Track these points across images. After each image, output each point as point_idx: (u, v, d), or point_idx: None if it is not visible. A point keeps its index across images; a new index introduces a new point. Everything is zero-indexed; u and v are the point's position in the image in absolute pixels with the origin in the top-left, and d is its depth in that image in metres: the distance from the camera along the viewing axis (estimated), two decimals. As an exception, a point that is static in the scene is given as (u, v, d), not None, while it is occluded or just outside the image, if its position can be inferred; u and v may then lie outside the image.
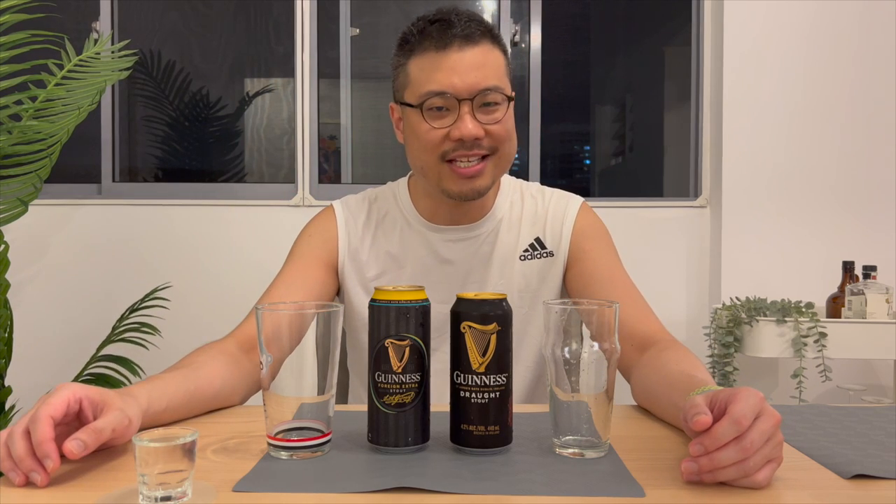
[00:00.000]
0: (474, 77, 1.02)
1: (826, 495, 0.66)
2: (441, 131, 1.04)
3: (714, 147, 2.57)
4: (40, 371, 2.24)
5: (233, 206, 2.56)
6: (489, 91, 1.03)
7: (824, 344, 2.05)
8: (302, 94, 2.59)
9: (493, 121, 1.05)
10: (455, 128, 1.03)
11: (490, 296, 0.78)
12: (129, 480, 0.69)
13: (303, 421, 0.76)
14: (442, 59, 1.03)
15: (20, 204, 1.85)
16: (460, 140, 1.03)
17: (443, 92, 1.02)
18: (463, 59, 1.02)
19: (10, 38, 1.80)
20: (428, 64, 1.04)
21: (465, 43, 1.03)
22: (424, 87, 1.04)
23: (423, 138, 1.06)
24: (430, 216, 1.17)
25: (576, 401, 0.76)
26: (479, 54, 1.03)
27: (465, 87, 1.02)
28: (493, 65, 1.05)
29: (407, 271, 1.18)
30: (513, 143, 1.10)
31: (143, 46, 2.82)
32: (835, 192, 2.46)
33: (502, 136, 1.06)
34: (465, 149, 1.05)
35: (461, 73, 1.02)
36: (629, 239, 2.57)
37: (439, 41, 1.03)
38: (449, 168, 1.06)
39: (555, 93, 2.83)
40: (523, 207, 1.21)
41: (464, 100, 1.03)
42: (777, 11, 2.46)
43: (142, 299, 2.13)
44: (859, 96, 2.46)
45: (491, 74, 1.04)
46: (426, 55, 1.04)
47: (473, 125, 1.03)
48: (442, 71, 1.02)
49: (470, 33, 1.03)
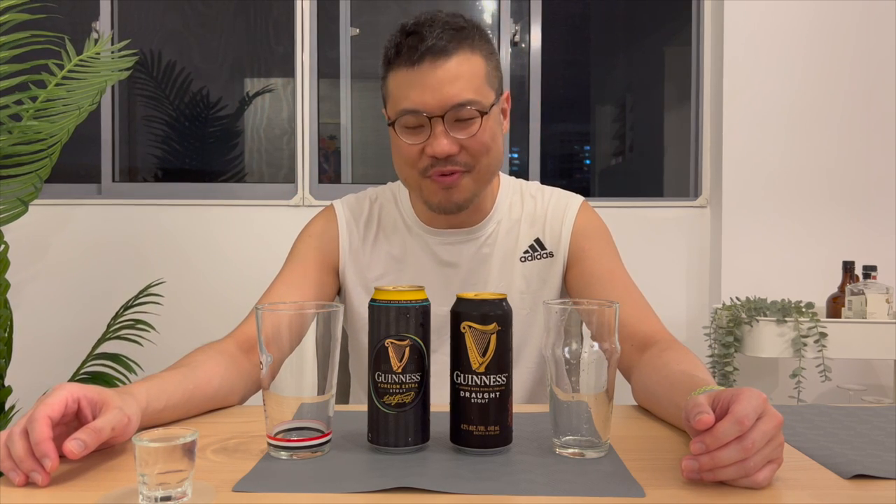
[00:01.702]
0: (446, 93, 1.00)
1: (826, 495, 0.66)
2: (417, 147, 1.04)
3: (714, 147, 2.57)
4: (40, 371, 2.24)
5: (233, 206, 2.56)
6: (461, 106, 1.01)
7: (824, 344, 2.05)
8: (302, 94, 2.59)
9: (468, 135, 1.03)
10: (428, 145, 1.03)
11: (490, 296, 0.78)
12: (129, 480, 0.69)
13: (303, 421, 0.76)
14: (413, 76, 1.01)
15: (20, 204, 1.85)
16: (435, 157, 1.03)
17: (415, 110, 1.01)
18: (434, 75, 1.00)
19: (10, 38, 1.80)
20: (402, 80, 1.03)
21: (438, 57, 1.00)
22: (399, 104, 1.03)
23: (402, 154, 1.06)
24: (429, 220, 1.17)
25: (576, 401, 0.76)
26: (452, 67, 1.01)
27: (436, 105, 1.01)
28: (468, 76, 1.02)
29: (408, 274, 1.17)
30: (493, 154, 1.07)
31: (143, 46, 2.82)
32: (835, 191, 2.46)
33: (478, 150, 1.05)
34: (440, 165, 1.04)
35: (432, 89, 1.00)
36: (629, 239, 2.57)
37: (410, 57, 1.01)
38: (428, 182, 1.07)
39: (555, 93, 2.83)
40: (523, 208, 1.20)
41: (435, 117, 1.01)
42: (777, 11, 2.46)
43: (135, 296, 2.12)
44: (859, 96, 2.46)
45: (465, 87, 1.01)
46: (400, 71, 1.03)
47: (447, 142, 1.02)
48: (414, 88, 1.01)
49: (443, 46, 1.00)
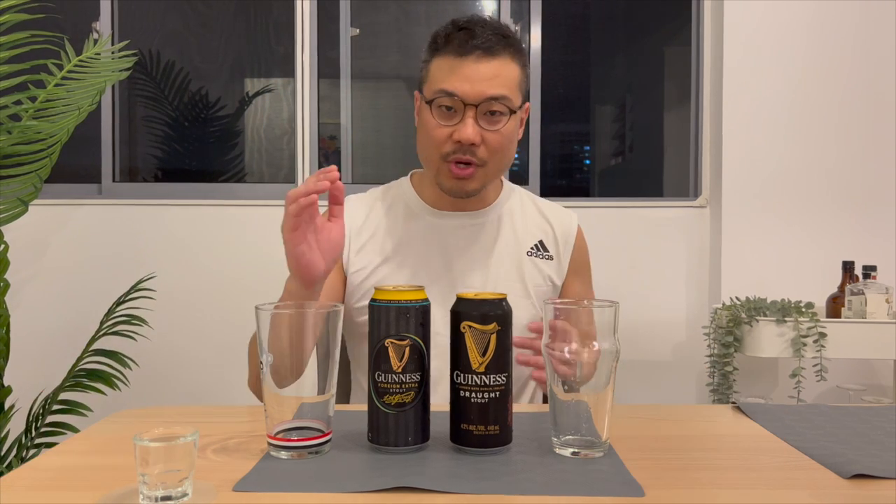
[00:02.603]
0: (484, 86, 1.10)
1: (826, 495, 0.66)
2: (445, 130, 1.13)
3: (714, 147, 2.57)
4: (39, 371, 2.24)
5: (233, 206, 2.56)
6: (495, 100, 1.11)
7: (824, 344, 2.05)
8: (302, 94, 2.59)
9: (494, 129, 1.12)
10: (457, 130, 1.11)
11: (490, 296, 0.78)
12: (129, 480, 0.69)
13: (303, 421, 0.76)
14: (459, 65, 1.11)
15: (20, 204, 1.85)
16: (459, 143, 1.11)
17: (452, 93, 1.11)
18: (478, 70, 1.10)
19: (10, 38, 1.80)
20: (446, 66, 1.12)
21: (484, 55, 1.10)
22: (438, 85, 1.12)
23: (430, 133, 1.14)
24: (434, 202, 1.25)
25: (576, 401, 0.76)
26: (494, 67, 1.11)
27: (473, 94, 1.10)
28: (505, 77, 1.12)
29: (410, 258, 1.22)
30: (506, 154, 1.17)
31: (143, 47, 2.82)
32: (835, 191, 2.46)
33: (497, 146, 1.14)
34: (462, 153, 1.13)
35: (473, 81, 1.10)
36: (629, 239, 2.57)
37: (460, 48, 1.11)
38: (447, 167, 1.15)
39: (555, 93, 2.83)
40: (525, 211, 1.29)
41: (469, 104, 1.10)
42: (777, 11, 2.46)
43: (127, 291, 2.12)
44: (859, 96, 2.46)
45: (501, 85, 1.11)
46: (447, 58, 1.13)
47: (473, 130, 1.11)
48: (456, 75, 1.11)
49: (490, 46, 1.11)
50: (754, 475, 0.72)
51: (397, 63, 3.02)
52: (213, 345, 2.51)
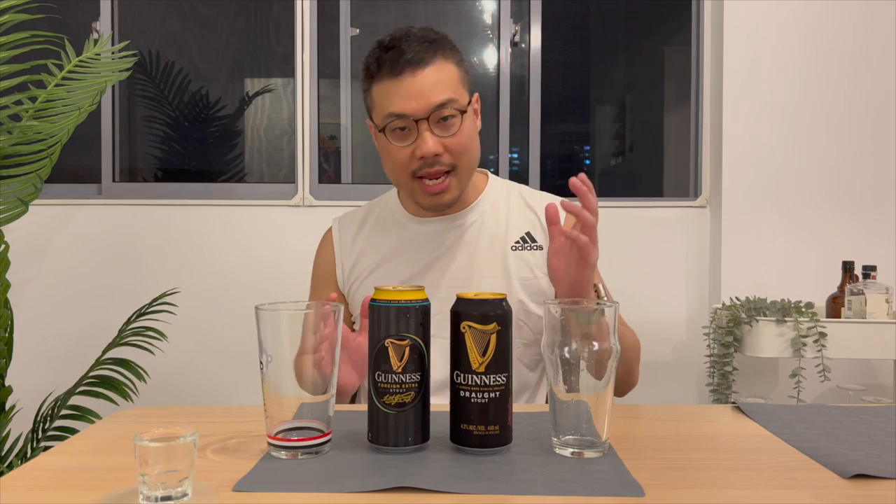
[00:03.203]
0: (427, 97, 1.12)
1: (826, 495, 0.66)
2: (407, 150, 1.15)
3: (714, 147, 2.57)
4: (40, 371, 2.24)
5: (233, 206, 2.56)
6: (441, 106, 1.12)
7: (824, 344, 2.05)
8: (302, 94, 2.59)
9: (450, 134, 1.14)
10: (416, 147, 1.14)
11: (490, 296, 0.78)
12: (129, 480, 0.69)
13: (303, 421, 0.76)
14: (397, 86, 1.13)
15: (20, 204, 1.85)
16: (423, 158, 1.14)
17: (400, 114, 1.13)
18: (415, 83, 1.12)
19: (10, 38, 1.80)
20: (386, 89, 1.14)
21: (416, 67, 1.12)
22: (385, 110, 1.14)
23: (393, 157, 1.17)
24: (416, 211, 1.28)
25: (576, 401, 0.76)
26: (430, 74, 1.13)
27: (419, 108, 1.12)
28: (445, 80, 1.14)
29: (395, 266, 1.26)
30: (472, 152, 1.19)
31: (143, 47, 2.82)
32: (834, 191, 2.46)
33: (459, 149, 1.15)
34: (428, 166, 1.15)
35: (415, 95, 1.12)
36: (629, 239, 2.57)
37: (392, 68, 1.13)
38: (418, 184, 1.17)
39: (555, 93, 2.83)
40: (510, 204, 1.30)
41: (420, 119, 1.12)
42: (777, 11, 2.46)
43: (149, 303, 2.12)
44: (859, 96, 2.46)
45: (443, 90, 1.13)
46: (384, 82, 1.14)
47: (433, 142, 1.13)
48: (398, 96, 1.13)
49: (420, 58, 1.12)
50: (754, 475, 0.72)
51: (397, 63, 3.01)
52: (213, 344, 2.51)
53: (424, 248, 1.26)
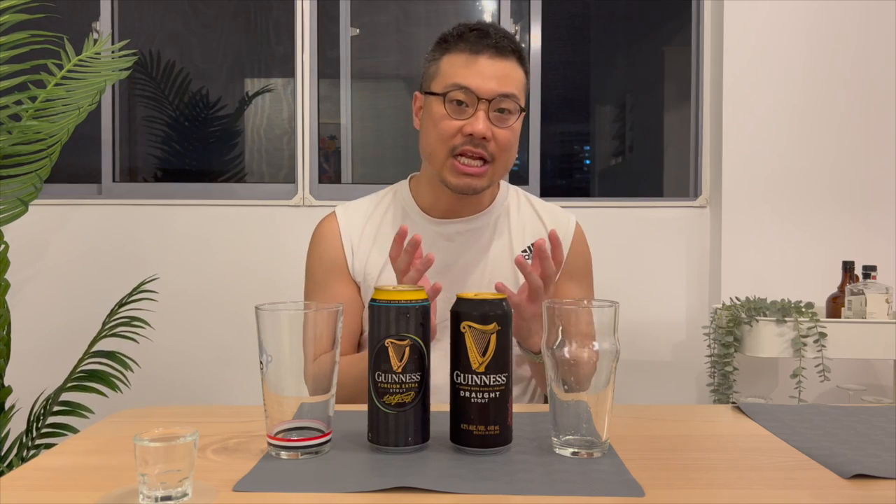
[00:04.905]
0: (496, 83, 1.14)
1: (826, 495, 0.66)
2: (456, 123, 1.15)
3: (714, 147, 2.57)
4: (40, 371, 2.24)
5: (233, 206, 2.56)
6: (506, 97, 1.15)
7: (824, 344, 2.05)
8: (302, 94, 2.59)
9: (504, 125, 1.16)
10: (468, 123, 1.14)
11: (490, 296, 0.78)
12: (129, 480, 0.69)
13: (303, 421, 0.76)
14: (473, 62, 1.15)
15: (20, 204, 1.85)
16: (470, 136, 1.14)
17: (467, 87, 1.14)
18: (491, 67, 1.15)
19: (10, 38, 1.79)
20: (460, 62, 1.16)
21: (496, 54, 1.15)
22: (451, 79, 1.16)
23: (439, 126, 1.16)
24: (429, 209, 1.26)
25: (576, 401, 0.76)
26: (505, 67, 1.16)
27: (486, 89, 1.14)
28: (515, 78, 1.17)
29: None
30: (512, 153, 1.20)
31: (142, 46, 2.82)
32: (835, 191, 2.46)
33: (505, 143, 1.17)
34: (472, 145, 1.15)
35: (486, 77, 1.14)
36: (629, 239, 2.57)
37: (474, 46, 1.15)
38: (453, 162, 1.17)
39: (555, 93, 2.83)
40: (521, 213, 1.30)
41: (482, 99, 1.14)
42: (777, 11, 2.46)
43: (129, 293, 2.11)
44: (859, 96, 2.46)
45: (511, 84, 1.16)
46: (460, 55, 1.16)
47: (485, 124, 1.14)
48: (470, 70, 1.15)
49: (502, 47, 1.15)
50: (754, 475, 0.72)
51: (397, 63, 3.02)
52: (213, 345, 2.51)
53: (437, 250, 1.22)
